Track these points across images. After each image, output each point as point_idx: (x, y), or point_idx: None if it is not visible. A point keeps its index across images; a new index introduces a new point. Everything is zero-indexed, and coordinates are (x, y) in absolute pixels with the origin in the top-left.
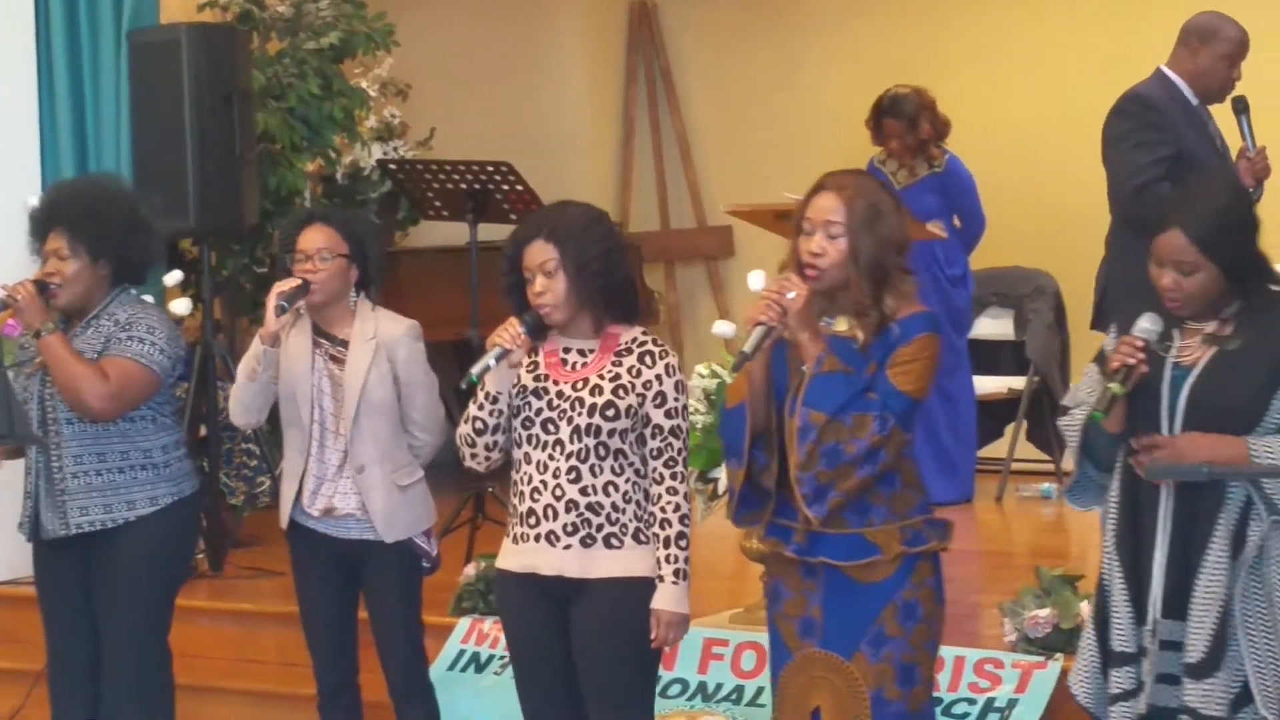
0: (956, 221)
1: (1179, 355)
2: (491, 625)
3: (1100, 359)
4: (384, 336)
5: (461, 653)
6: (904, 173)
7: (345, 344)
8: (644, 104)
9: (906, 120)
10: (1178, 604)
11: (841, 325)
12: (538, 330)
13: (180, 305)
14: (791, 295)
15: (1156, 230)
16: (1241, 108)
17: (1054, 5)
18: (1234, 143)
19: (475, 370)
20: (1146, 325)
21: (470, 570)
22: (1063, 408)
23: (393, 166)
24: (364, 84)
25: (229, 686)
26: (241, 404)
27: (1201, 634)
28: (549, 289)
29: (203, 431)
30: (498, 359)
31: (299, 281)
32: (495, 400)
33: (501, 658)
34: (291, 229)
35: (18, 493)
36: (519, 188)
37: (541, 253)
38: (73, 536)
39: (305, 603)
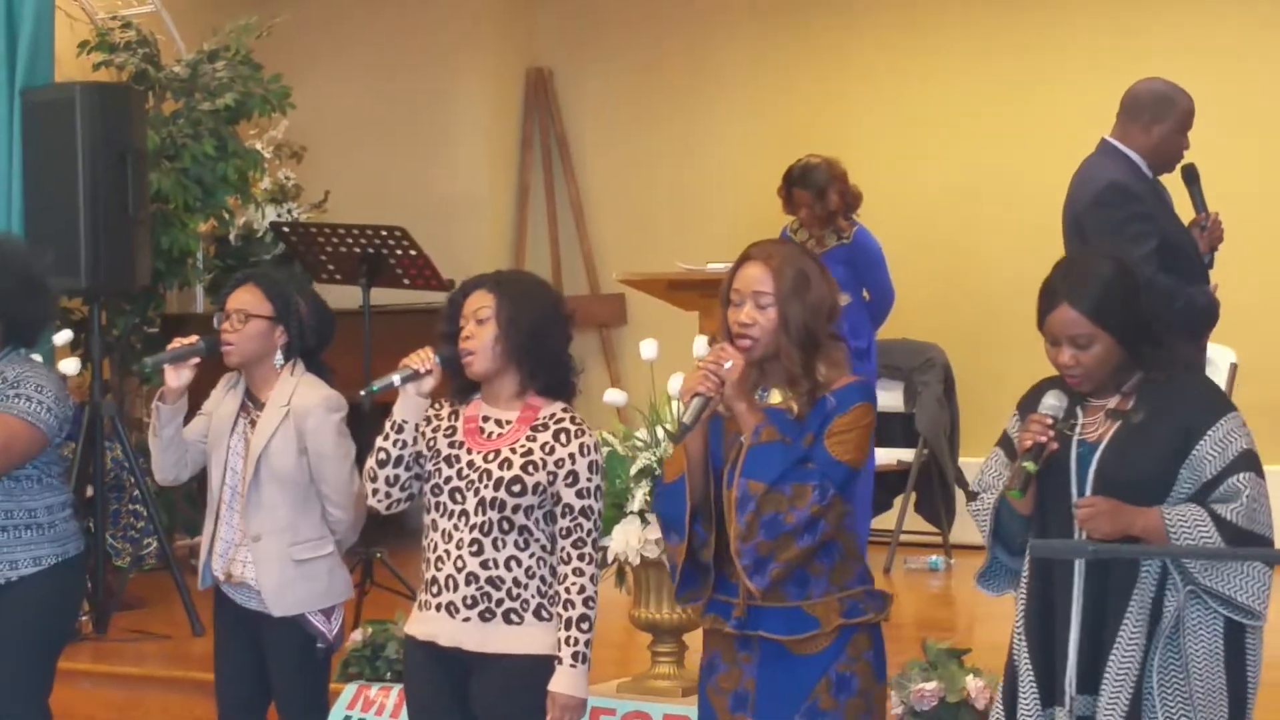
0: (866, 295)
1: (1084, 432)
2: (378, 692)
3: (1004, 442)
4: (296, 404)
5: (347, 719)
6: (813, 243)
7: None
8: (539, 170)
9: (815, 191)
10: (1091, 680)
11: (776, 398)
12: (453, 367)
13: (69, 365)
14: (728, 365)
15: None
16: (1192, 177)
17: (952, 77)
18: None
19: (377, 384)
20: (1052, 402)
21: (357, 636)
22: (971, 493)
23: (286, 229)
24: (259, 145)
25: None
26: (155, 461)
27: (1116, 708)
28: (476, 335)
29: (89, 492)
30: (403, 380)
31: (195, 339)
32: (400, 430)
33: None
34: (229, 287)
35: None
36: (413, 252)
37: (479, 300)
38: None
39: (217, 665)
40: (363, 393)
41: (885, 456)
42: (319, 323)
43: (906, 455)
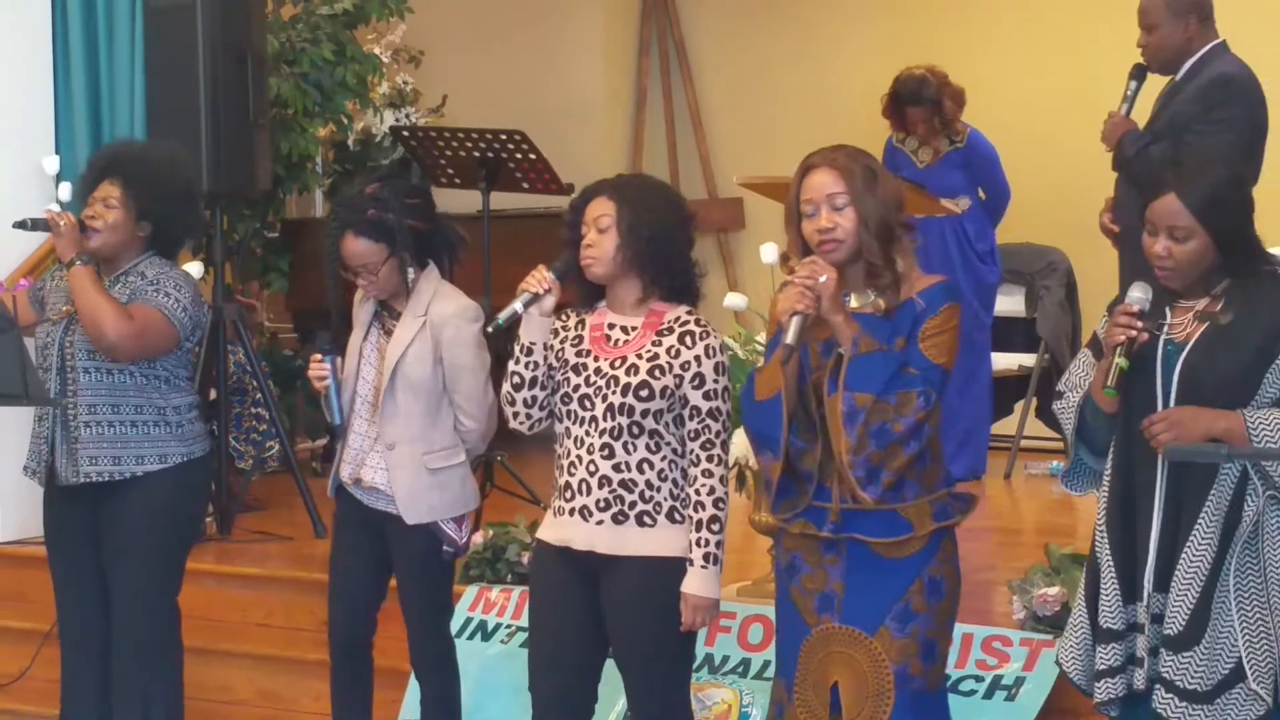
0: (982, 194)
1: (1170, 332)
2: (499, 594)
3: (1094, 343)
4: (433, 314)
5: (468, 620)
6: (926, 151)
7: (400, 317)
8: (657, 74)
9: (930, 103)
10: (1168, 578)
11: (855, 302)
12: (568, 277)
13: (192, 268)
14: (823, 279)
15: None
16: (1133, 74)
17: None
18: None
19: (502, 315)
20: (1137, 294)
21: (478, 539)
22: (1056, 392)
23: (405, 133)
24: (377, 50)
25: (236, 650)
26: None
27: (1181, 606)
28: (598, 243)
29: (212, 395)
30: (525, 305)
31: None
32: (530, 352)
33: (508, 626)
34: (333, 240)
35: (23, 457)
36: (532, 156)
37: (599, 207)
38: (82, 486)
39: (334, 562)
40: (489, 329)
41: (1006, 361)
42: (424, 218)
43: (1028, 360)
